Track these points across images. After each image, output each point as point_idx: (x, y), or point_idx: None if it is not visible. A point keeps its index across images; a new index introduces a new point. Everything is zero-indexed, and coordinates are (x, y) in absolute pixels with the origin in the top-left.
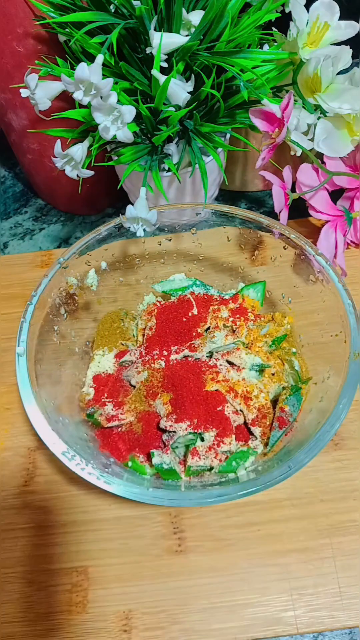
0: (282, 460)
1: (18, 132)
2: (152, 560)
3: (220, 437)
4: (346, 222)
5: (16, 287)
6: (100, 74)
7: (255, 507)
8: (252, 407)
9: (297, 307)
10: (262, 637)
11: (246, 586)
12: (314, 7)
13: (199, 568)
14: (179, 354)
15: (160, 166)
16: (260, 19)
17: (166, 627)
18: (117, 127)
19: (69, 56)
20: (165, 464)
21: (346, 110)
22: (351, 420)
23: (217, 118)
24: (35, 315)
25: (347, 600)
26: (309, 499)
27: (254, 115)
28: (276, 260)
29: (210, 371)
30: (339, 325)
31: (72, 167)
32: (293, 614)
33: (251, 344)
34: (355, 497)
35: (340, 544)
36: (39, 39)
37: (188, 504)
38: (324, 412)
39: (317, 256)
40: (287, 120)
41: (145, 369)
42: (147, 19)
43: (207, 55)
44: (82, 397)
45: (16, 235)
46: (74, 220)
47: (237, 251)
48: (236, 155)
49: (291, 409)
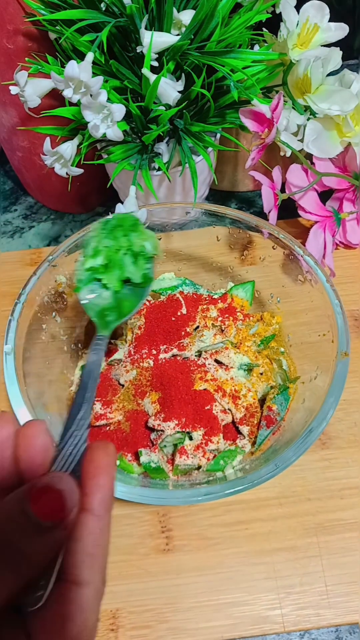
0: (270, 459)
1: (8, 130)
2: (139, 559)
3: (208, 435)
4: (335, 223)
5: (5, 286)
6: (90, 72)
7: (243, 505)
8: (240, 406)
9: (285, 307)
10: (249, 635)
11: (233, 585)
12: (304, 9)
13: (187, 567)
14: (168, 353)
15: (150, 165)
16: (251, 20)
17: (153, 625)
18: (107, 126)
19: (59, 54)
20: (153, 463)
21: (336, 111)
22: (338, 420)
23: (208, 118)
24: (23, 314)
25: (333, 598)
26: (296, 498)
27: (244, 115)
28: (265, 260)
29: (198, 370)
30: (326, 325)
31: (61, 165)
32: (280, 613)
33: (240, 343)
34: (342, 496)
35: (327, 543)
36: (29, 36)
37: (176, 502)
38: (311, 411)
39: (305, 256)
40: (276, 121)
41: (133, 368)
42: (138, 18)
43: (197, 54)
44: (70, 395)
45: (5, 233)
46: (64, 218)
47: (227, 251)
48: (226, 155)
49: (279, 408)
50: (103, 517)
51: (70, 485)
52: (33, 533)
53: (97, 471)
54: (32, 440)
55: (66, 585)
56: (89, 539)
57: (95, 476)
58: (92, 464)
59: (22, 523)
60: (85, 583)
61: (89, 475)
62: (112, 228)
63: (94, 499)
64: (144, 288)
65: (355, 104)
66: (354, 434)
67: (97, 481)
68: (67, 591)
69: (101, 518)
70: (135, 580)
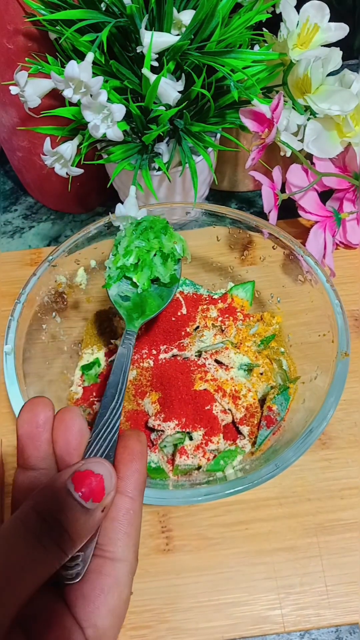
0: (270, 459)
1: (8, 130)
2: (139, 559)
3: (208, 436)
4: (335, 223)
5: (5, 286)
6: (90, 72)
7: (243, 505)
8: (240, 406)
9: (285, 307)
10: (249, 635)
11: (233, 585)
12: (304, 9)
13: (187, 567)
14: (168, 353)
15: (151, 165)
16: (251, 20)
17: (153, 625)
18: (107, 126)
19: (59, 54)
20: (153, 463)
21: (336, 111)
22: (338, 420)
23: (208, 118)
24: (23, 314)
25: (333, 598)
26: (296, 498)
27: (244, 115)
28: (265, 260)
29: (198, 370)
30: (326, 325)
31: (61, 165)
32: (280, 613)
33: (240, 343)
34: (342, 496)
35: (327, 543)
36: (29, 36)
37: (176, 502)
38: (311, 411)
39: (305, 256)
40: (276, 121)
41: (133, 368)
42: (138, 18)
43: (197, 54)
44: (70, 396)
45: (5, 233)
46: (64, 218)
47: (227, 251)
48: (226, 155)
49: (279, 408)
50: (137, 499)
51: (109, 469)
52: (77, 513)
53: (132, 457)
54: (69, 424)
55: (104, 561)
56: (125, 519)
57: (130, 462)
58: (127, 450)
59: (68, 504)
60: (121, 559)
61: (124, 461)
62: (143, 229)
63: (128, 483)
64: (170, 288)
65: (356, 104)
66: (354, 434)
67: (132, 466)
68: (105, 567)
69: (135, 500)
70: (135, 580)
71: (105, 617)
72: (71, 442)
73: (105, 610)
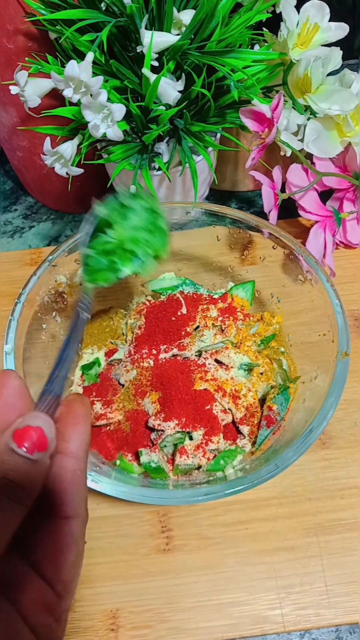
0: (270, 459)
1: (8, 130)
2: (139, 558)
3: (208, 435)
4: (335, 223)
5: (5, 286)
6: (90, 71)
7: (243, 505)
8: (240, 405)
9: (285, 307)
10: (249, 635)
11: (233, 584)
12: (305, 8)
13: (187, 566)
14: (168, 352)
15: (151, 165)
16: (251, 19)
17: (153, 625)
18: (107, 125)
19: (59, 53)
20: (153, 463)
21: (336, 111)
22: (338, 420)
23: (208, 117)
24: (23, 314)
25: (333, 598)
26: (296, 498)
27: (244, 115)
28: (265, 260)
29: (198, 370)
30: (326, 324)
31: (61, 164)
32: (280, 612)
33: (240, 343)
34: (342, 496)
35: (327, 543)
36: (29, 36)
37: (176, 502)
38: (311, 411)
39: (306, 256)
40: (277, 121)
41: (134, 368)
42: (138, 18)
43: (197, 54)
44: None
45: (6, 233)
46: (64, 218)
47: (227, 251)
48: (227, 155)
49: (279, 407)
50: (82, 459)
51: (45, 419)
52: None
53: (76, 420)
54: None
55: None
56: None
57: (74, 424)
58: (71, 414)
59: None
60: (74, 516)
61: (68, 424)
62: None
63: (72, 445)
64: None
65: (356, 103)
66: (354, 434)
67: (76, 429)
68: (61, 525)
69: (80, 460)
70: (135, 580)
71: (69, 571)
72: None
73: (68, 565)
